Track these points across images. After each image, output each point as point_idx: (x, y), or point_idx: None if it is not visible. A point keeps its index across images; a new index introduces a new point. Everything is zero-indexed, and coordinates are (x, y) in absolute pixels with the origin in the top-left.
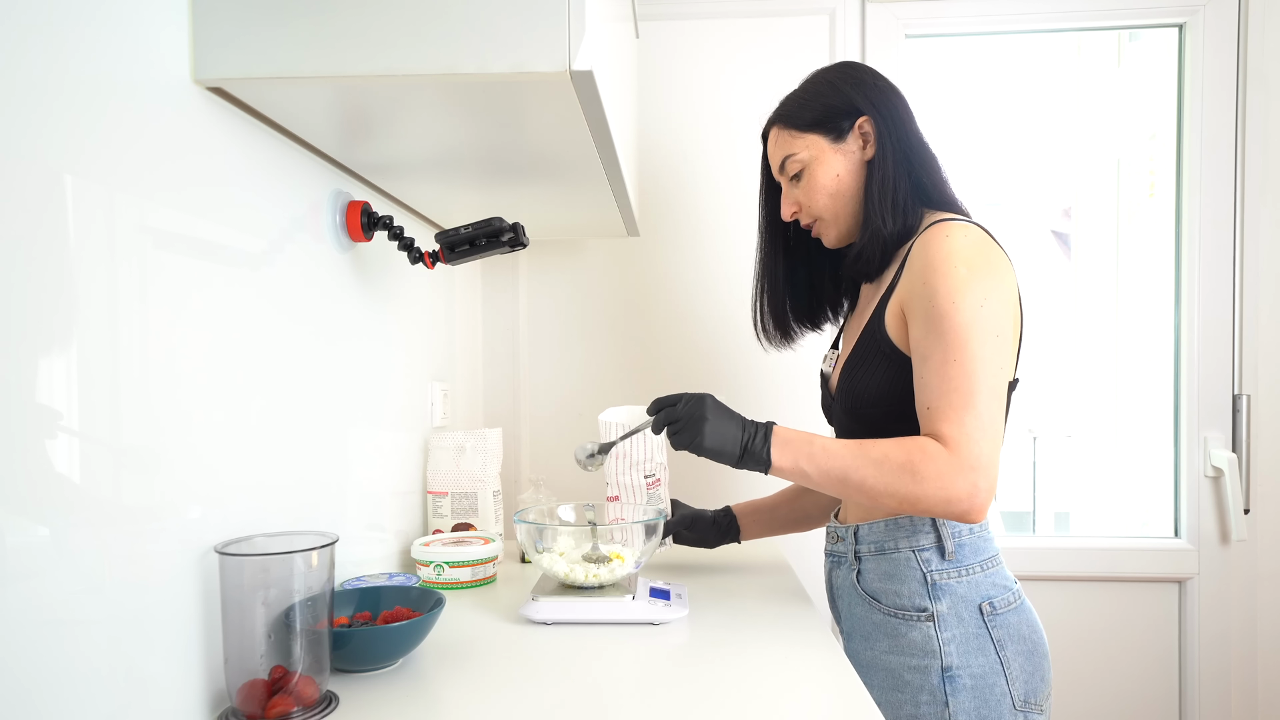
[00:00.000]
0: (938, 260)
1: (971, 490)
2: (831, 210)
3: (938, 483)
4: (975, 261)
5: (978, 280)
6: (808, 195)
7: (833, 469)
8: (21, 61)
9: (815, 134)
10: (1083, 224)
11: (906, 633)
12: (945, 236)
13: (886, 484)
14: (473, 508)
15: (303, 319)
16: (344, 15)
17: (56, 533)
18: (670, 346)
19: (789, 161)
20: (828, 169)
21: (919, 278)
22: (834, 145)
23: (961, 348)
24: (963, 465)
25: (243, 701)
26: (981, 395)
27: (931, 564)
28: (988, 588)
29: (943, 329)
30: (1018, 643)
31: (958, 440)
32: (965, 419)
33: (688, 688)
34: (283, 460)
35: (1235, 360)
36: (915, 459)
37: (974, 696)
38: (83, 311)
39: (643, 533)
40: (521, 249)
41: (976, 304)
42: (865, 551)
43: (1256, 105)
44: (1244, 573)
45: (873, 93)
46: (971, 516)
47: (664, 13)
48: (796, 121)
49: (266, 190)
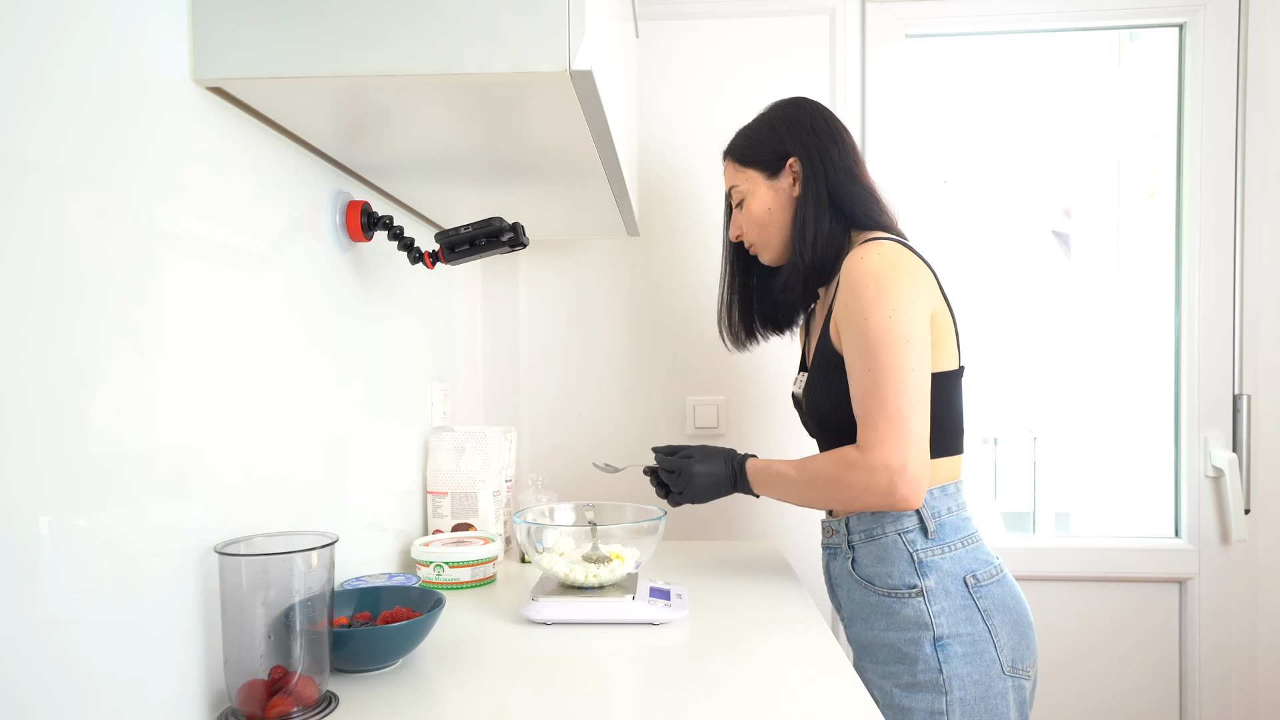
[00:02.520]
0: (855, 280)
1: (889, 486)
2: (762, 238)
3: (859, 485)
4: (884, 276)
5: (885, 293)
6: (746, 222)
7: (789, 491)
8: (21, 61)
9: (753, 169)
10: (1083, 224)
11: (900, 609)
12: (861, 258)
13: (824, 493)
14: (473, 508)
15: (303, 319)
16: (344, 15)
17: (56, 533)
18: (670, 346)
19: (734, 190)
20: (760, 202)
21: (843, 298)
22: (768, 181)
23: (873, 358)
24: (875, 466)
25: (242, 702)
26: (890, 399)
27: (916, 544)
28: (970, 562)
29: (859, 344)
30: (1003, 612)
31: (871, 443)
32: (879, 423)
33: (688, 688)
34: (283, 460)
35: (1235, 360)
36: (839, 468)
37: (965, 662)
38: (81, 311)
39: (643, 533)
40: (521, 249)
41: (885, 315)
42: (857, 540)
43: (1256, 105)
44: (1244, 573)
45: (806, 135)
46: (898, 506)
47: (664, 13)
48: (739, 156)
49: (266, 190)
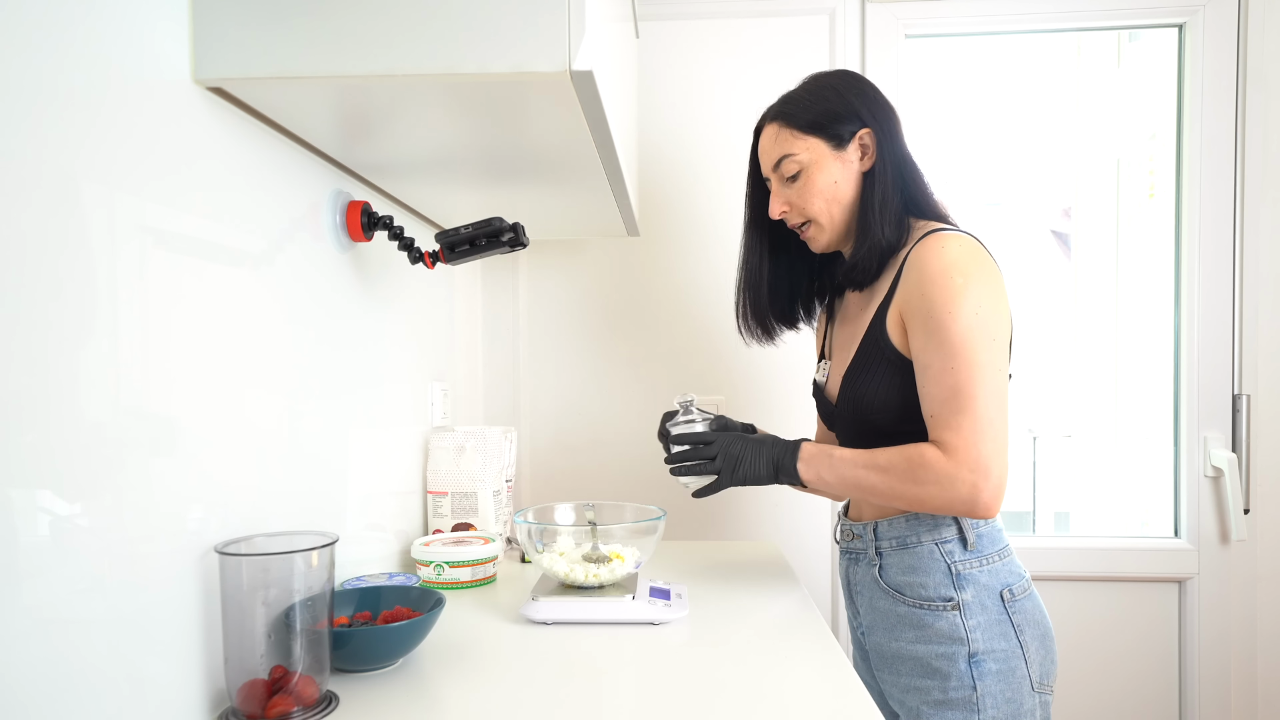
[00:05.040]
0: (935, 271)
1: (972, 492)
2: (827, 215)
3: (938, 487)
4: (970, 270)
5: (972, 288)
6: (802, 197)
7: (847, 477)
8: (21, 60)
9: (816, 137)
10: (1083, 224)
11: (933, 622)
12: (941, 247)
13: (894, 489)
14: (473, 508)
15: (303, 319)
16: (344, 15)
17: (56, 533)
18: (670, 346)
19: (786, 161)
20: (826, 174)
21: (916, 288)
22: (834, 152)
23: (958, 355)
24: (960, 469)
25: (243, 701)
26: (979, 399)
27: (955, 555)
28: (1006, 575)
29: (941, 338)
30: (1033, 627)
31: (955, 446)
32: (964, 424)
33: (688, 688)
34: (283, 460)
35: (1235, 360)
36: (915, 467)
37: (999, 680)
38: (82, 310)
39: (643, 533)
40: (521, 249)
41: (972, 311)
42: (886, 547)
43: (1256, 105)
44: (1244, 573)
45: (874, 105)
46: (978, 513)
47: (664, 13)
48: (798, 122)
49: (266, 190)
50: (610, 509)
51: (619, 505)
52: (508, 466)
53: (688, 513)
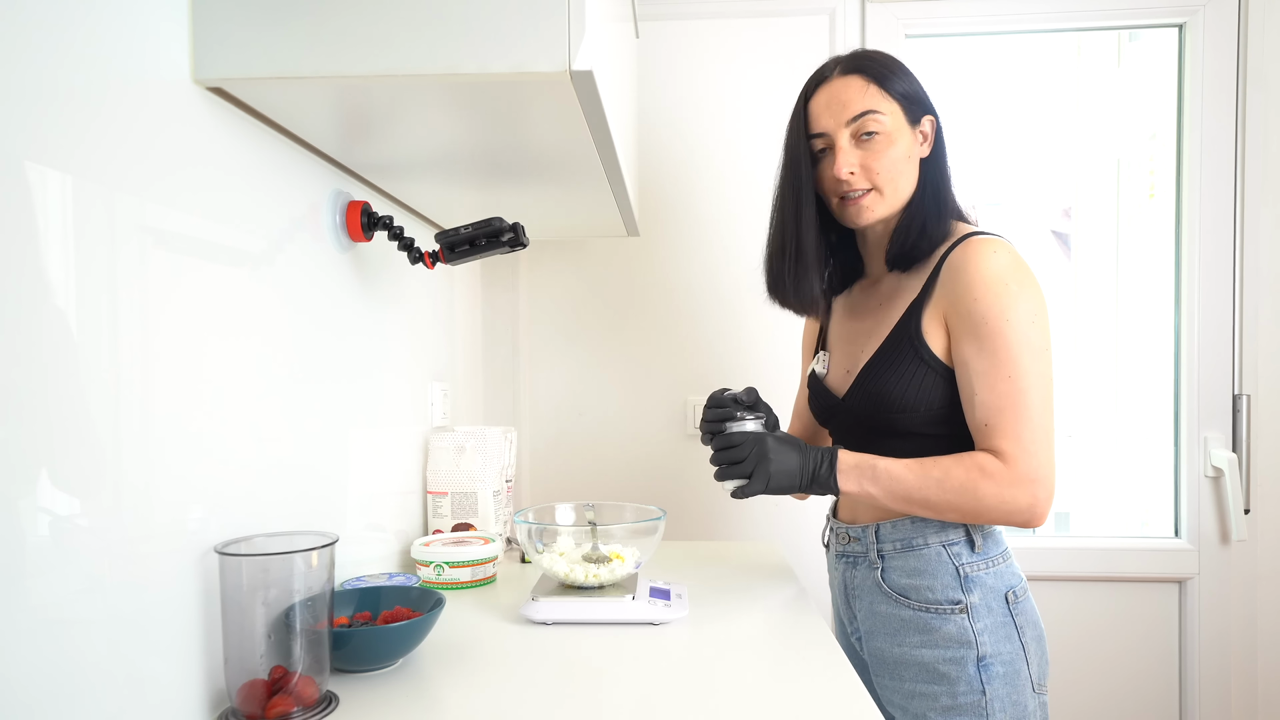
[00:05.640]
0: (987, 277)
1: (1032, 501)
2: (893, 186)
3: (998, 498)
4: (1022, 278)
5: (1025, 298)
6: (878, 160)
7: (897, 490)
8: (21, 60)
9: (899, 104)
10: (1083, 224)
11: (940, 626)
12: (992, 252)
13: (949, 501)
14: (473, 508)
15: (303, 319)
16: (344, 15)
17: (56, 533)
18: (670, 346)
19: (870, 117)
20: (903, 145)
21: (966, 293)
22: (910, 126)
23: (1014, 364)
24: (1021, 478)
25: (243, 701)
26: (1035, 409)
27: (962, 557)
28: (1009, 577)
29: (995, 346)
30: (1032, 628)
31: (1015, 455)
32: (1022, 434)
33: (688, 688)
34: (283, 460)
35: (1235, 360)
36: (975, 476)
37: (1005, 683)
38: (82, 310)
39: (643, 533)
40: (521, 249)
41: (1028, 321)
42: (889, 550)
43: (1256, 105)
44: (1244, 573)
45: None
46: (1033, 523)
47: (664, 13)
48: (888, 83)
49: (266, 190)
50: (610, 509)
51: (619, 505)
52: (508, 466)
53: (688, 513)
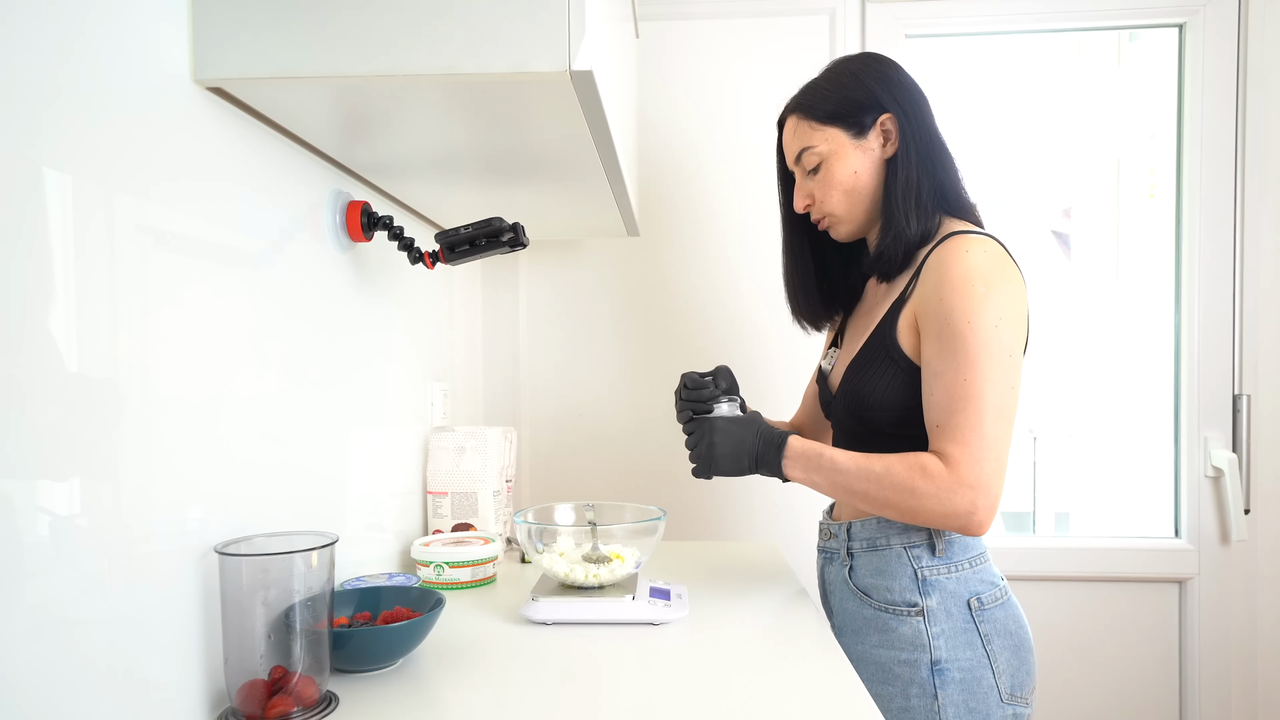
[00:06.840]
0: (956, 277)
1: (970, 508)
2: (845, 207)
3: (935, 500)
4: (993, 279)
5: (994, 299)
6: (823, 190)
7: (838, 481)
8: (21, 60)
9: (835, 127)
10: (1083, 224)
11: (896, 627)
12: (965, 252)
13: (886, 498)
14: (473, 508)
15: (303, 319)
16: (344, 15)
17: (56, 532)
18: (670, 346)
19: (806, 154)
20: (845, 165)
21: (935, 293)
22: (854, 141)
23: (973, 367)
24: (962, 484)
25: (242, 702)
26: (988, 415)
27: (922, 560)
28: (975, 584)
29: (956, 348)
30: (1004, 637)
31: (959, 459)
32: (970, 438)
33: (688, 688)
34: (283, 460)
35: (1235, 360)
36: (915, 476)
37: (962, 689)
38: (83, 310)
39: (643, 533)
40: (521, 249)
41: (992, 324)
42: (857, 548)
43: (1256, 105)
44: (1244, 573)
45: (896, 89)
46: (970, 530)
47: (664, 13)
48: (816, 113)
49: (266, 190)
50: (610, 509)
51: (619, 505)
52: (508, 467)
53: (688, 513)
